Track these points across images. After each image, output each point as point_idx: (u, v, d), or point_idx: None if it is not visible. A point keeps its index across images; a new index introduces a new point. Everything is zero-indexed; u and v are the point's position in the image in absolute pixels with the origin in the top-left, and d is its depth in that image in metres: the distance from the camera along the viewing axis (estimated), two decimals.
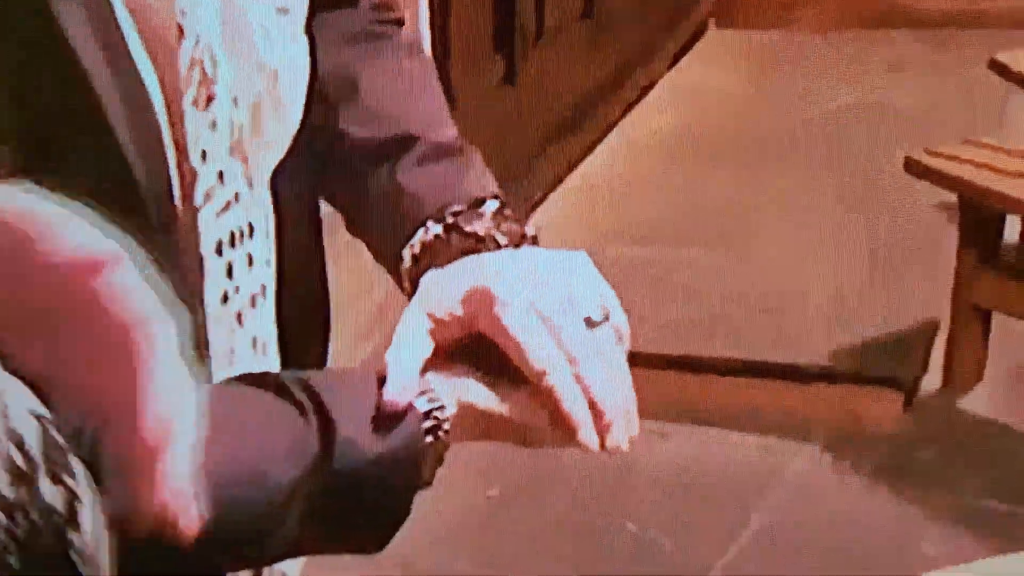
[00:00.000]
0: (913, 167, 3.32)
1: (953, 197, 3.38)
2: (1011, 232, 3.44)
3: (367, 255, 1.20)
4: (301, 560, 1.20)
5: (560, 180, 4.35)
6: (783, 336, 3.51)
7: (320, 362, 1.19)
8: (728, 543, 2.94)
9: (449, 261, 1.08)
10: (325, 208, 1.20)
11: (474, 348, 1.04)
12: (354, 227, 1.21)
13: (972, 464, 3.15)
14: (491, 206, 1.11)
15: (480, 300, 1.02)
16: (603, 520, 3.03)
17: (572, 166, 4.43)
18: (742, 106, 4.76)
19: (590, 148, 4.54)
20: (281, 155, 1.08)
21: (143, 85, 0.93)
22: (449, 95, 1.25)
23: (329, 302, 1.20)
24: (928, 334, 3.51)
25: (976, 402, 3.35)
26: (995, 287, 3.29)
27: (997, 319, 3.36)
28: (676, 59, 5.20)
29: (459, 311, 1.03)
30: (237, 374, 1.03)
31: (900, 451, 3.23)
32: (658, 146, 4.56)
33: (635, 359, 1.07)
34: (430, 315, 1.03)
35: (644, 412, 1.04)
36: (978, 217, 3.28)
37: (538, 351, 1.00)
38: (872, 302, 3.61)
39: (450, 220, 1.10)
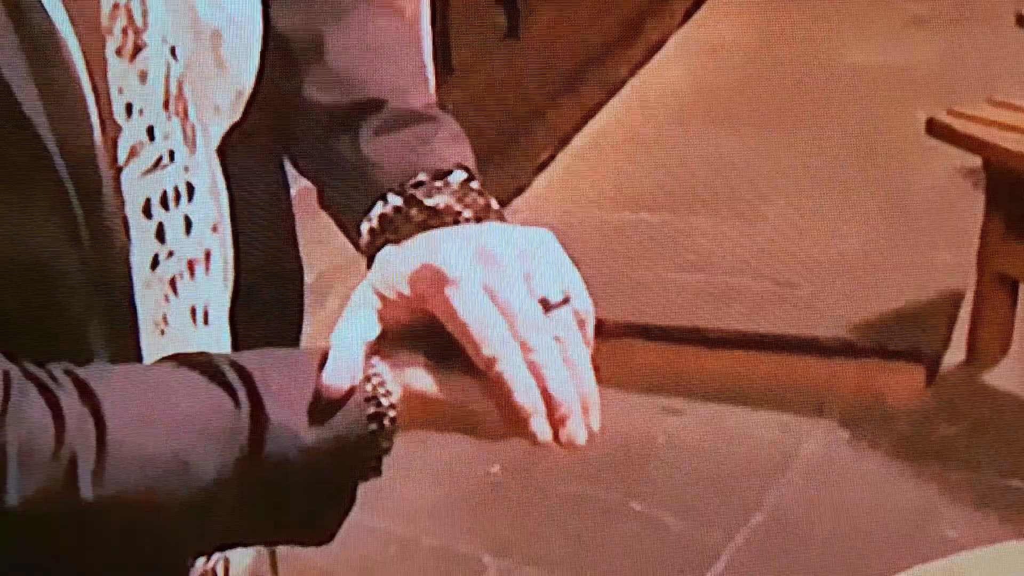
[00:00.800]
0: (936, 129, 3.29)
1: (978, 161, 3.34)
2: None
3: None
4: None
5: (565, 141, 4.31)
6: (798, 308, 3.49)
7: (294, 339, 1.16)
8: (739, 525, 2.93)
9: (408, 236, 1.04)
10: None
11: (424, 332, 1.00)
12: (321, 200, 1.17)
13: (996, 442, 3.13)
14: (457, 177, 1.08)
15: (430, 279, 0.98)
16: (608, 499, 3.02)
17: (578, 126, 4.39)
18: (757, 64, 4.73)
19: (597, 107, 4.50)
20: (232, 120, 1.04)
21: (54, 28, 0.90)
22: (447, 50, 1.21)
23: (302, 275, 1.16)
24: (951, 306, 3.48)
25: (1001, 377, 3.33)
26: (1022, 257, 3.26)
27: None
28: (689, 14, 5.16)
29: (407, 290, 0.99)
30: (167, 353, 0.99)
31: (921, 428, 3.21)
32: (669, 105, 4.53)
33: (644, 332, 1.02)
34: (378, 294, 0.99)
35: (654, 387, 0.99)
36: (1004, 182, 3.25)
37: (488, 336, 0.96)
38: (892, 272, 3.59)
39: (410, 192, 1.07)
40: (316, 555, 1.15)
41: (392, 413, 0.97)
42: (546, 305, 0.99)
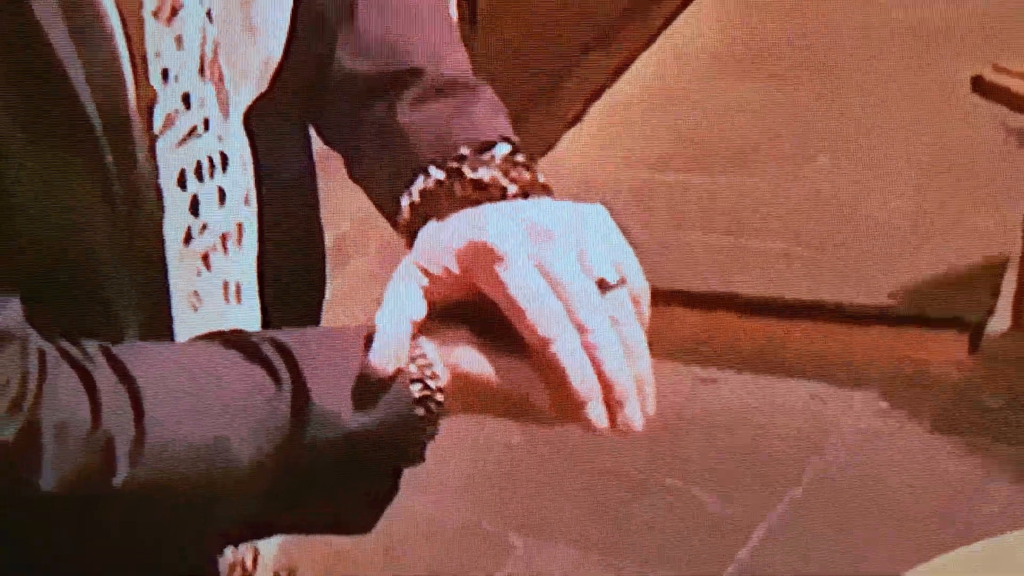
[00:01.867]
0: (981, 86, 3.26)
1: None
2: None
3: None
4: None
5: (595, 98, 4.29)
6: (836, 274, 3.47)
7: (313, 317, 1.14)
8: (776, 500, 2.93)
9: (451, 212, 1.02)
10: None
11: (473, 310, 0.98)
12: (352, 172, 1.16)
13: None
14: (501, 150, 1.07)
15: (480, 256, 0.97)
16: (640, 473, 3.01)
17: (608, 82, 4.37)
18: (795, 18, 4.68)
19: (628, 62, 4.47)
20: (261, 88, 1.03)
21: None
22: (471, 3, 1.20)
23: (323, 241, 1.15)
24: (995, 271, 3.46)
25: None
26: None
27: None
28: None
29: (456, 268, 0.97)
30: (203, 332, 0.98)
31: (964, 399, 3.20)
32: (703, 60, 4.50)
33: (675, 298, 1.01)
34: (425, 272, 0.98)
35: (687, 356, 0.98)
36: None
37: (543, 316, 0.95)
38: (934, 236, 3.57)
39: (453, 165, 1.05)
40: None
41: (439, 397, 0.95)
42: (602, 285, 0.97)
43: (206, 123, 0.99)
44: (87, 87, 0.89)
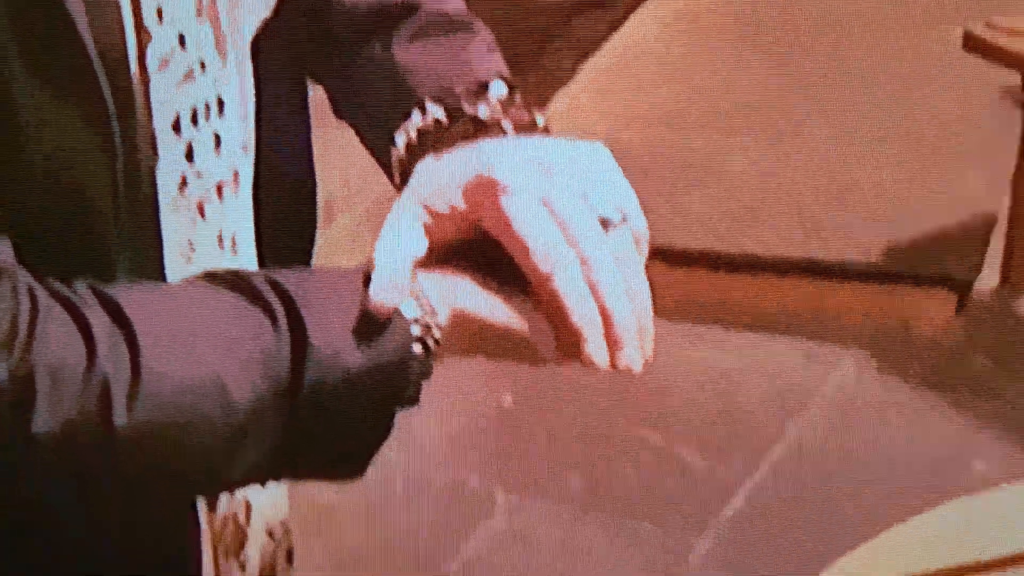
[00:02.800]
0: (973, 44, 3.26)
1: (1017, 79, 3.31)
2: None
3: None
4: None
5: (588, 56, 4.28)
6: (825, 231, 3.48)
7: (305, 258, 1.14)
8: (760, 458, 2.93)
9: (448, 149, 1.01)
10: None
11: (472, 249, 0.97)
12: (342, 109, 1.15)
13: None
14: (498, 89, 1.06)
15: (484, 189, 0.95)
16: (624, 431, 3.02)
17: (602, 40, 4.35)
18: None
19: (622, 19, 4.46)
20: (264, 15, 1.01)
21: None
22: None
23: (316, 199, 1.14)
24: (984, 229, 3.47)
25: None
26: None
27: None
28: None
29: (460, 202, 0.95)
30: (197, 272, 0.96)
31: (952, 358, 3.21)
32: (699, 20, 4.48)
33: (664, 255, 1.00)
34: (426, 207, 0.96)
35: (674, 313, 0.97)
36: None
37: (546, 249, 0.93)
38: (923, 194, 3.57)
39: (451, 102, 1.04)
40: (323, 491, 1.14)
41: (437, 335, 0.93)
42: (605, 224, 0.95)
43: (202, 65, 0.97)
44: (87, 24, 0.88)
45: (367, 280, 0.92)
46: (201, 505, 1.09)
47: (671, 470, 2.93)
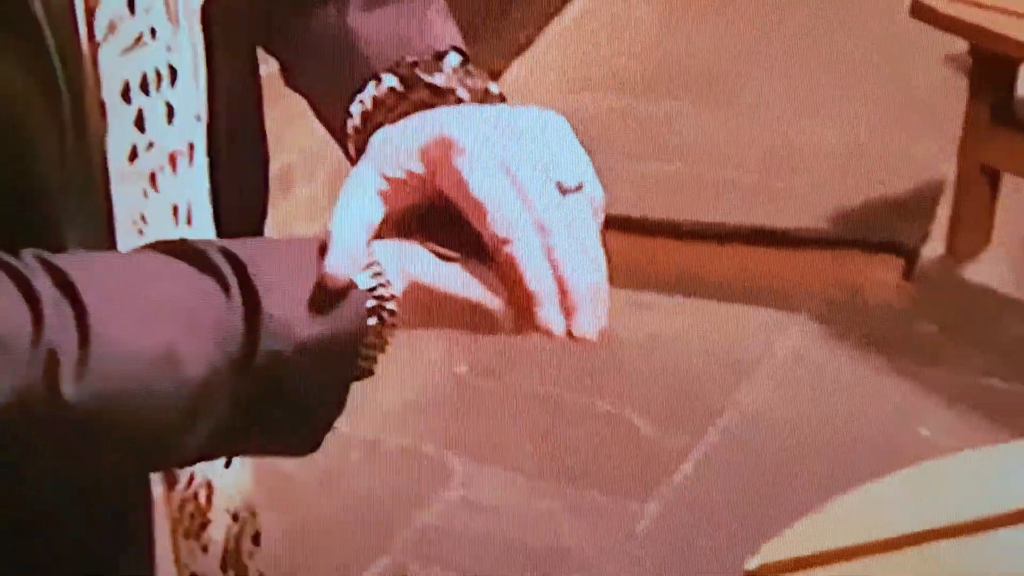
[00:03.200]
0: (920, 11, 3.26)
1: (962, 46, 3.34)
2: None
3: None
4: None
5: (544, 23, 4.26)
6: (775, 199, 3.48)
7: (257, 232, 1.11)
8: (709, 424, 2.94)
9: (404, 118, 0.98)
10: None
11: (428, 216, 0.95)
12: (294, 78, 1.13)
13: (975, 339, 3.14)
14: (453, 60, 1.04)
15: (440, 152, 0.93)
16: (576, 399, 3.02)
17: (558, 8, 4.33)
18: None
19: None
20: None
21: None
22: None
23: (268, 170, 1.11)
24: (931, 197, 3.49)
25: (981, 271, 3.34)
26: (1006, 145, 3.27)
27: (1006, 181, 3.33)
28: None
29: (417, 166, 0.94)
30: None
31: (898, 324, 3.22)
32: None
33: (613, 222, 0.99)
34: (383, 175, 0.94)
35: (624, 281, 0.97)
36: (990, 67, 3.24)
37: (503, 213, 0.92)
38: (872, 162, 3.58)
39: (406, 72, 1.02)
40: (281, 460, 1.14)
41: (391, 305, 0.91)
42: (562, 190, 0.94)
43: (153, 32, 0.94)
44: None
45: (323, 250, 0.90)
46: (158, 485, 1.07)
47: (622, 437, 2.93)
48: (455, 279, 0.94)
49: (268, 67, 1.14)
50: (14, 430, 0.84)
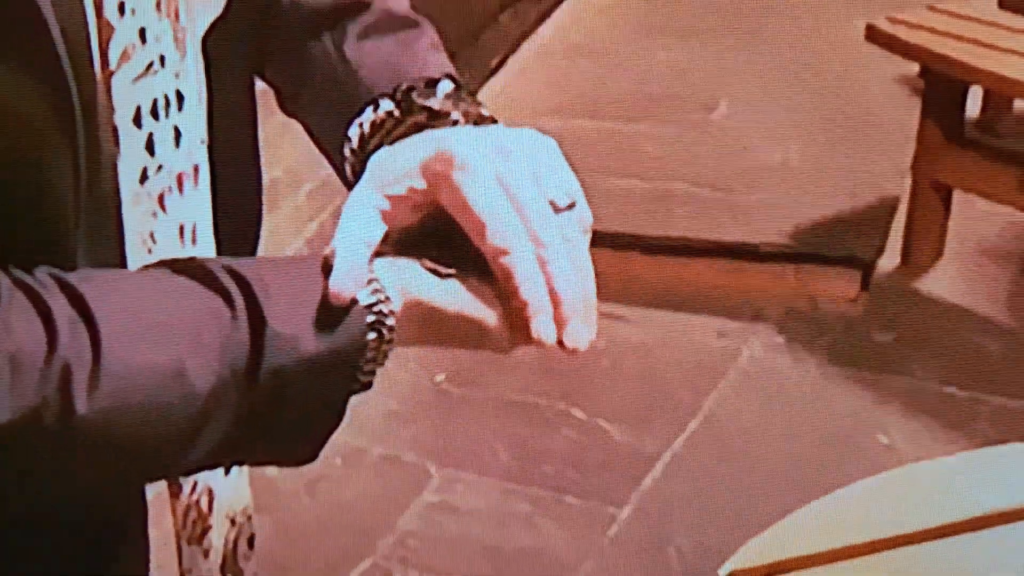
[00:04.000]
0: (875, 36, 3.29)
1: (915, 68, 3.38)
2: (973, 107, 3.46)
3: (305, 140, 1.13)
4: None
5: (512, 50, 4.28)
6: (738, 214, 3.50)
7: (252, 248, 1.12)
8: (678, 431, 2.95)
9: (401, 139, 0.99)
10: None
11: (427, 233, 0.96)
12: (290, 104, 1.13)
13: (931, 348, 3.16)
14: (445, 86, 1.05)
15: (441, 167, 0.93)
16: (550, 406, 3.03)
17: (528, 33, 4.35)
18: None
19: (547, 14, 4.47)
20: (216, 12, 1.00)
21: None
22: None
23: (262, 192, 1.12)
24: (887, 212, 3.51)
25: (935, 282, 3.36)
26: (956, 163, 3.30)
27: (957, 197, 3.36)
28: None
29: (419, 182, 0.94)
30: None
31: (857, 333, 3.24)
32: (616, 14, 4.49)
33: (592, 242, 1.01)
34: (383, 194, 0.94)
35: (596, 293, 0.95)
36: (941, 89, 3.27)
37: (500, 225, 0.92)
38: (830, 179, 3.60)
39: (403, 98, 1.03)
40: (266, 467, 1.15)
41: (390, 321, 0.92)
42: (554, 207, 0.95)
43: (162, 60, 0.95)
44: (55, 17, 0.87)
45: (325, 267, 0.91)
46: (164, 494, 1.08)
47: (595, 444, 2.93)
48: (451, 296, 0.94)
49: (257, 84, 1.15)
50: (28, 444, 0.84)
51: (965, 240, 3.42)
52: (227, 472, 1.12)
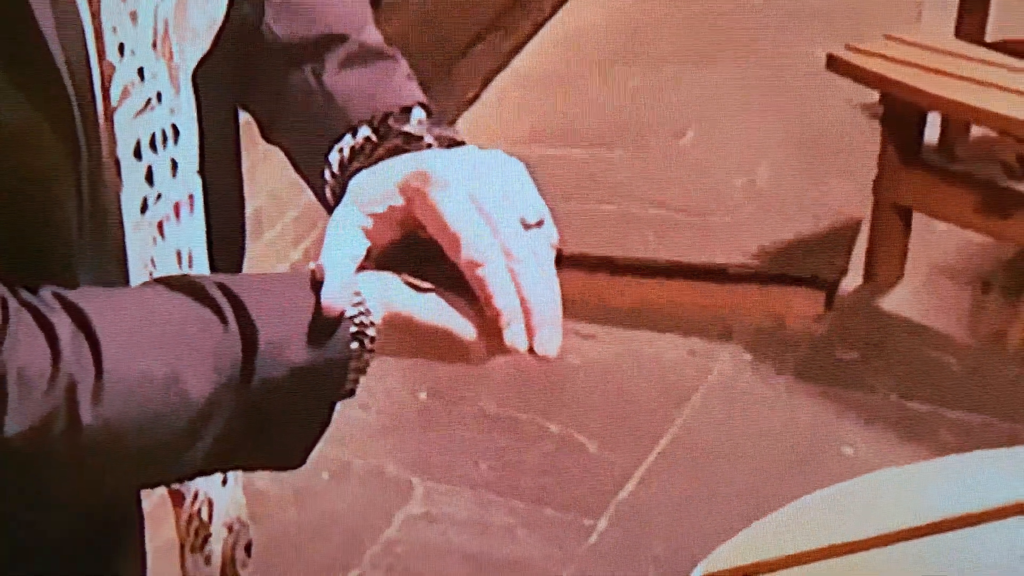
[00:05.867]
0: (836, 64, 3.31)
1: (875, 95, 3.39)
2: (932, 132, 3.48)
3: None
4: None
5: (490, 79, 4.28)
6: (706, 236, 3.51)
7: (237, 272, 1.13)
8: (650, 445, 2.96)
9: (379, 162, 1.02)
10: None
11: (402, 254, 0.99)
12: (272, 132, 1.16)
13: (893, 364, 3.17)
14: (419, 113, 1.08)
15: (418, 184, 0.97)
16: (527, 421, 3.04)
17: (503, 64, 4.36)
18: (672, 3, 4.69)
19: (521, 45, 4.48)
20: (205, 48, 1.02)
21: None
22: None
23: (244, 216, 1.15)
24: (849, 234, 3.52)
25: (897, 300, 3.37)
26: (916, 186, 3.31)
27: (917, 218, 3.38)
28: None
29: (398, 199, 0.98)
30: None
31: (821, 350, 3.25)
32: (588, 44, 4.49)
33: (559, 259, 1.03)
34: (365, 212, 0.98)
35: (568, 313, 0.98)
36: (900, 114, 3.29)
37: (473, 238, 0.96)
38: (794, 202, 3.61)
39: (380, 124, 1.06)
40: (254, 479, 1.15)
41: (371, 331, 0.95)
42: (524, 224, 0.99)
43: (159, 96, 0.98)
44: (62, 55, 0.89)
45: (313, 282, 0.94)
46: (167, 504, 1.10)
47: (571, 457, 2.94)
48: (430, 309, 0.97)
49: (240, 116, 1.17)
50: (37, 453, 0.86)
51: (925, 260, 3.44)
52: (224, 482, 1.15)
